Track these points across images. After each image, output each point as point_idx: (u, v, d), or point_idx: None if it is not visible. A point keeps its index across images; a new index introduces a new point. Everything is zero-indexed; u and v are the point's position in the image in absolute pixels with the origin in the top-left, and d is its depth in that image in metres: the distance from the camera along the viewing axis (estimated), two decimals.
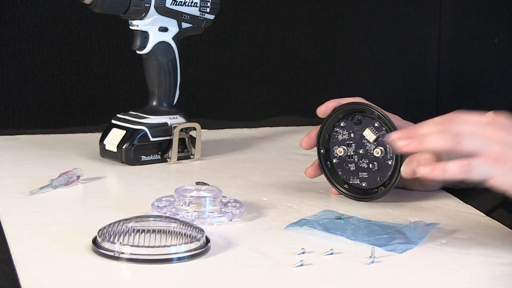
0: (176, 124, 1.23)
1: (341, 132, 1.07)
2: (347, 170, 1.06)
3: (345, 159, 1.06)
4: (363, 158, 1.05)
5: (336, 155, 1.07)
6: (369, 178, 1.05)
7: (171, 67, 1.24)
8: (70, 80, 1.56)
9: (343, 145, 1.07)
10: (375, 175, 1.05)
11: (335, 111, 1.07)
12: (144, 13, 1.20)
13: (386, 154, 1.04)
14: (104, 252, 0.89)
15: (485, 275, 0.88)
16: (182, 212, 0.99)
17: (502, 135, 0.90)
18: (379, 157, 1.04)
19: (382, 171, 1.04)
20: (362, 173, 1.05)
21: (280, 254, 0.91)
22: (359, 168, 1.06)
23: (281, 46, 1.69)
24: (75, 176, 1.12)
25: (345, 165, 1.07)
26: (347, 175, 1.07)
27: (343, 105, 1.07)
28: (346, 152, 1.06)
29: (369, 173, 1.05)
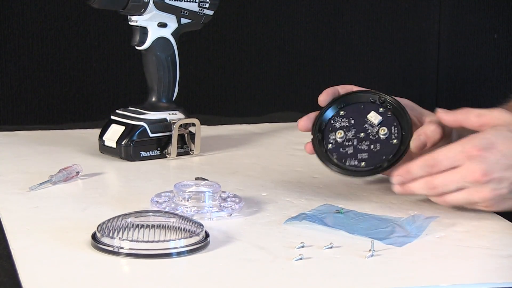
0: (175, 120, 1.23)
1: (340, 120, 1.06)
2: (343, 153, 1.05)
3: (342, 144, 1.05)
4: (364, 140, 1.04)
5: (332, 141, 1.05)
6: (370, 158, 1.03)
7: (170, 63, 1.24)
8: (69, 76, 1.56)
9: (341, 130, 1.05)
10: (378, 155, 1.03)
11: (335, 100, 1.06)
12: (143, 8, 1.20)
13: (391, 134, 1.03)
14: (104, 247, 0.89)
15: (485, 267, 0.89)
16: (181, 207, 0.99)
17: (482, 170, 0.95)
18: (383, 138, 1.03)
19: (385, 150, 1.03)
20: (362, 154, 1.04)
21: (279, 248, 0.91)
22: (358, 150, 1.04)
23: (281, 42, 1.69)
24: (74, 172, 1.12)
25: (341, 149, 1.05)
26: (343, 157, 1.05)
27: (344, 95, 1.06)
28: (345, 136, 1.05)
29: (370, 153, 1.03)
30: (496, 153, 0.94)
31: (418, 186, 0.98)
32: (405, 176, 0.98)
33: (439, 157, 0.96)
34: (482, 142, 0.94)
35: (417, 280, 0.86)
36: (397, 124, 1.03)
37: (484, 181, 0.95)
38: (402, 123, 1.03)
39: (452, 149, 0.96)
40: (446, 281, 0.85)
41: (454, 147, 0.96)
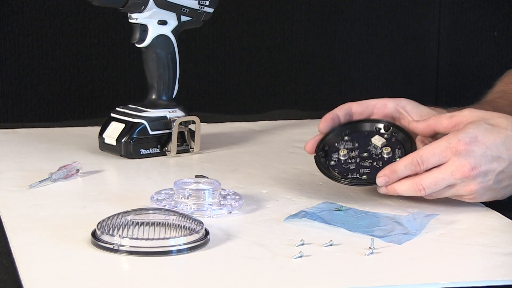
0: (175, 117, 1.23)
1: (344, 143, 1.06)
2: (346, 168, 1.05)
3: (345, 161, 1.05)
4: (366, 159, 1.04)
5: (335, 159, 1.06)
6: (371, 172, 1.04)
7: (170, 60, 1.24)
8: (69, 74, 1.56)
9: (345, 149, 1.06)
10: (379, 169, 1.03)
11: (340, 127, 1.06)
12: (143, 6, 1.20)
13: (394, 154, 1.03)
14: (103, 245, 0.89)
15: (485, 265, 0.89)
16: (181, 205, 0.99)
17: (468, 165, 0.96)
18: (386, 158, 1.03)
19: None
20: (364, 170, 1.04)
21: (279, 246, 0.91)
22: (360, 166, 1.05)
23: (280, 39, 1.68)
24: (74, 170, 1.12)
25: (344, 165, 1.05)
26: (345, 172, 1.05)
27: (349, 124, 1.06)
28: (348, 155, 1.05)
29: (372, 169, 1.04)
30: (481, 146, 0.95)
31: (404, 188, 0.98)
32: (391, 176, 0.97)
33: (426, 154, 0.96)
34: (466, 136, 0.95)
35: (417, 278, 0.86)
36: (401, 147, 1.03)
37: (472, 176, 0.96)
38: (406, 147, 1.03)
39: (438, 146, 0.96)
40: (446, 278, 0.85)
41: (439, 144, 0.96)
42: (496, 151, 0.96)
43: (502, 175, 0.97)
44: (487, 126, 0.96)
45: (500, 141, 0.96)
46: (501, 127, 0.96)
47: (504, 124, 0.96)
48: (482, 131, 0.96)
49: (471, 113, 0.98)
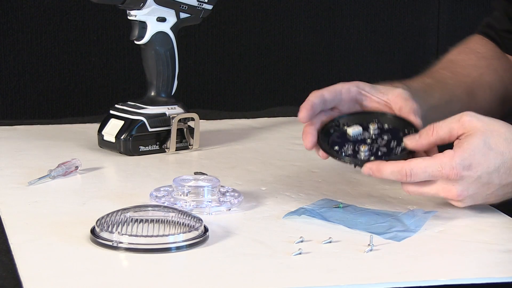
0: (174, 114, 1.22)
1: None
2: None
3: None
4: (370, 144, 1.02)
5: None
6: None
7: (169, 57, 1.24)
8: (68, 71, 1.56)
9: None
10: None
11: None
12: (142, 3, 1.20)
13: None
14: (103, 242, 0.89)
15: (484, 262, 0.88)
16: (180, 202, 0.99)
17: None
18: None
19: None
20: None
21: (278, 243, 0.91)
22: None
23: (280, 36, 1.68)
24: (73, 167, 1.12)
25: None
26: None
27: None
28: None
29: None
30: (473, 174, 0.95)
31: (389, 175, 0.97)
32: (375, 174, 0.97)
33: (416, 169, 0.95)
34: (460, 164, 0.94)
35: (416, 275, 0.86)
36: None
37: (457, 199, 0.97)
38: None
39: (431, 166, 0.95)
40: (445, 275, 0.85)
41: (433, 163, 0.95)
42: (488, 178, 0.96)
43: (490, 195, 0.97)
44: (485, 150, 0.95)
45: (494, 169, 0.95)
46: (498, 151, 0.95)
47: (502, 147, 0.95)
48: (478, 157, 0.94)
49: (471, 123, 0.96)
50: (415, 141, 0.98)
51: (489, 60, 1.24)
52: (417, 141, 0.98)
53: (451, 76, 1.20)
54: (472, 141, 0.95)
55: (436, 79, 1.19)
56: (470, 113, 0.97)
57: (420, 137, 0.98)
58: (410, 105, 1.03)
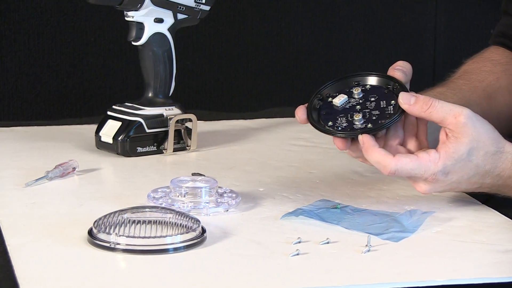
0: (172, 115, 1.22)
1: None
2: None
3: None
4: (361, 110, 1.01)
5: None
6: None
7: (167, 58, 1.24)
8: (65, 72, 1.56)
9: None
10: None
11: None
12: (140, 4, 1.20)
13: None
14: (100, 243, 0.88)
15: (482, 262, 0.88)
16: (178, 203, 0.99)
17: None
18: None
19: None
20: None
21: (276, 243, 0.91)
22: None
23: (277, 37, 1.68)
24: (70, 168, 1.11)
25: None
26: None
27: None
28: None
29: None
30: (448, 180, 0.97)
31: (373, 162, 0.97)
32: (364, 149, 0.96)
33: (401, 171, 0.96)
34: (441, 172, 0.96)
35: (413, 275, 0.85)
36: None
37: (425, 193, 0.99)
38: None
39: (415, 169, 0.96)
40: (443, 276, 0.85)
41: (418, 168, 0.96)
42: (458, 183, 0.98)
43: (453, 190, 1.00)
44: (465, 161, 0.97)
45: (467, 178, 0.98)
46: (476, 163, 0.97)
47: (480, 160, 0.97)
48: (458, 166, 0.97)
49: (464, 128, 0.96)
50: (408, 104, 0.98)
51: (505, 66, 1.24)
52: (409, 106, 0.98)
53: (465, 83, 1.20)
54: (459, 149, 0.96)
55: (449, 87, 1.18)
56: (469, 114, 0.97)
57: (415, 104, 0.98)
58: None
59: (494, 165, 0.97)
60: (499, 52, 1.27)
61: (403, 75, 1.02)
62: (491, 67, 1.23)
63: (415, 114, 0.98)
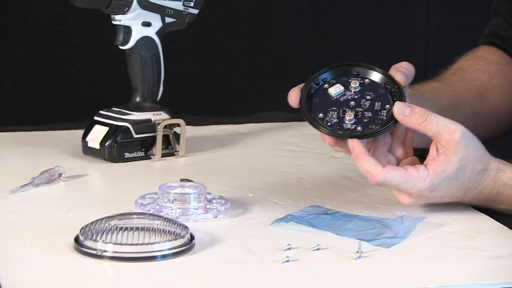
0: (160, 120, 1.22)
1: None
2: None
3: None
4: (354, 108, 1.01)
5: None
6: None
7: (155, 62, 1.24)
8: (52, 76, 1.56)
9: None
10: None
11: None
12: (127, 7, 1.20)
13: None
14: (87, 251, 0.88)
15: (474, 268, 0.88)
16: (166, 209, 0.99)
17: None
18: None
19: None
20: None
21: (266, 250, 0.91)
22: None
23: (267, 40, 1.68)
24: (57, 174, 1.11)
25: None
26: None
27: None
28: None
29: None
30: (432, 196, 0.99)
31: (362, 170, 0.98)
32: (353, 155, 0.97)
33: (388, 183, 0.97)
34: (427, 189, 0.98)
35: (405, 282, 0.85)
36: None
37: (408, 205, 1.00)
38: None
39: (402, 184, 0.97)
40: (434, 282, 0.85)
41: (405, 183, 0.97)
42: (440, 198, 1.00)
43: (438, 201, 1.01)
44: (452, 179, 0.98)
45: (451, 194, 0.99)
46: (461, 181, 0.98)
47: (466, 177, 0.98)
48: (444, 184, 0.98)
49: (457, 146, 0.97)
50: (403, 115, 0.98)
51: (498, 66, 1.24)
52: (404, 117, 0.98)
53: (459, 80, 1.21)
54: (447, 168, 0.97)
55: (444, 83, 1.19)
56: (464, 132, 0.98)
57: (410, 116, 0.98)
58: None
59: (477, 182, 0.99)
60: (491, 51, 1.27)
61: (404, 78, 1.02)
62: (484, 66, 1.24)
63: (409, 126, 0.99)
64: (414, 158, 1.01)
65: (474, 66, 1.24)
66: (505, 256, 0.90)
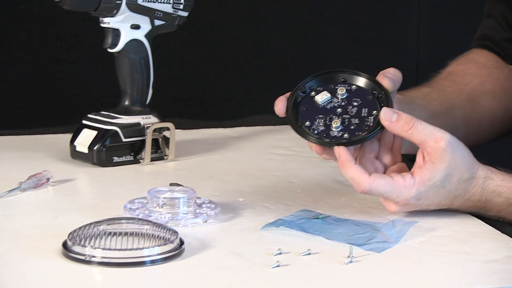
0: (149, 124, 1.22)
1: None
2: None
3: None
4: (341, 115, 1.01)
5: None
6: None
7: (144, 65, 1.24)
8: (40, 79, 1.55)
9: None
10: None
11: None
12: (116, 10, 1.20)
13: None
14: (75, 256, 0.88)
15: (466, 273, 0.89)
16: (155, 214, 0.99)
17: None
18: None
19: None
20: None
21: (256, 255, 0.91)
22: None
23: (257, 43, 1.69)
24: (44, 179, 1.11)
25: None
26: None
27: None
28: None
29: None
30: (418, 204, 0.99)
31: (348, 177, 0.98)
32: (339, 162, 0.97)
33: (374, 191, 0.97)
34: (414, 197, 0.98)
35: (396, 287, 0.86)
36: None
37: (394, 213, 1.01)
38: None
39: (388, 193, 0.97)
40: (426, 287, 0.85)
41: (391, 191, 0.97)
42: (427, 206, 1.00)
43: (424, 209, 1.01)
44: (439, 187, 0.98)
45: (437, 202, 1.00)
46: (448, 189, 0.99)
47: (453, 186, 0.98)
48: (431, 193, 0.98)
49: (443, 154, 0.97)
50: (389, 122, 0.98)
51: (490, 69, 1.25)
52: (390, 123, 0.98)
53: (450, 85, 1.21)
54: (434, 176, 0.98)
55: (435, 88, 1.19)
56: (450, 140, 0.98)
57: (396, 122, 0.98)
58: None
59: (465, 190, 0.99)
60: (483, 55, 1.28)
61: (391, 84, 1.02)
62: (476, 69, 1.24)
63: (395, 133, 0.99)
64: (402, 165, 1.01)
65: (465, 70, 1.24)
66: (497, 261, 0.90)
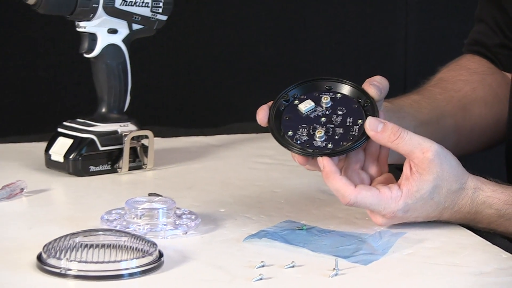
0: (127, 132, 1.22)
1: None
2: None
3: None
4: (325, 125, 1.01)
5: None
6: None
7: (121, 71, 1.24)
8: (13, 86, 1.55)
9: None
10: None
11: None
12: (92, 14, 1.20)
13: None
14: (50, 269, 0.88)
15: (455, 285, 0.89)
16: (133, 225, 0.99)
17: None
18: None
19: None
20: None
21: (238, 268, 0.91)
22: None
23: (239, 48, 1.69)
24: (18, 189, 1.11)
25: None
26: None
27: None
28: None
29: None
30: (406, 217, 1.00)
31: (333, 189, 0.99)
32: (323, 174, 0.97)
33: (360, 203, 0.98)
34: (401, 210, 0.99)
35: None
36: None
37: (381, 226, 1.01)
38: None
39: (375, 205, 0.98)
40: None
41: (377, 204, 0.98)
42: (415, 218, 1.01)
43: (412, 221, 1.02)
44: (427, 199, 0.99)
45: (426, 214, 1.00)
46: (436, 201, 0.99)
47: (442, 197, 0.99)
48: (419, 205, 0.99)
49: (430, 165, 0.98)
50: (375, 132, 0.98)
51: (481, 75, 1.25)
52: (376, 133, 0.98)
53: (440, 92, 1.21)
54: (422, 188, 0.98)
55: (424, 95, 1.20)
56: (437, 150, 0.98)
57: (382, 132, 0.98)
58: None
59: (454, 201, 1.00)
60: (475, 61, 1.28)
61: (377, 92, 1.02)
62: (467, 76, 1.25)
63: (381, 143, 0.99)
64: (389, 176, 1.02)
65: (456, 76, 1.25)
66: (487, 273, 0.91)
